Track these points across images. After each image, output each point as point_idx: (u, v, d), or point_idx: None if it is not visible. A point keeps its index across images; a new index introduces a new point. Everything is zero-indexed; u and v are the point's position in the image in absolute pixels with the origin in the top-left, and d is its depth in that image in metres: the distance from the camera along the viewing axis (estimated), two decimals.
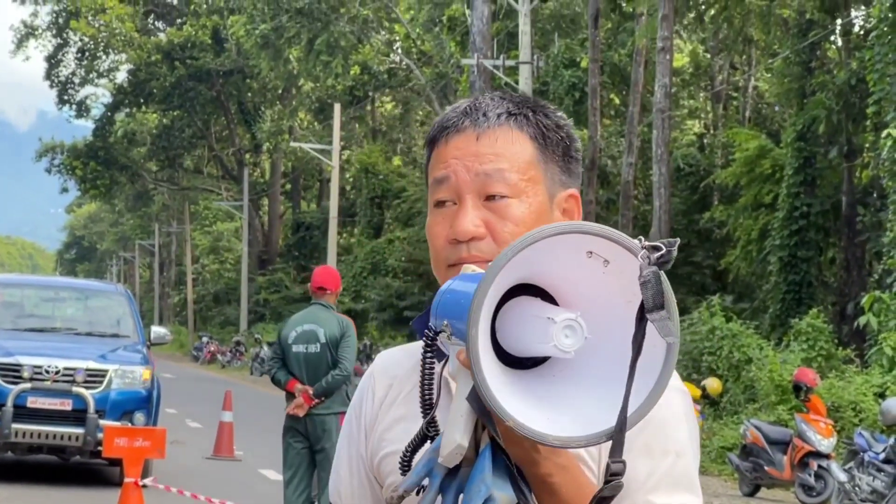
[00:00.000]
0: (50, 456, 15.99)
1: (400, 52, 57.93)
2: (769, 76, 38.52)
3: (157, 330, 17.71)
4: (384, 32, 58.71)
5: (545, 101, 2.27)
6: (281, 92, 68.60)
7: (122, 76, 74.48)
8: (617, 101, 41.77)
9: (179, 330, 78.09)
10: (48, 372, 15.15)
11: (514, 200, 2.10)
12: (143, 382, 15.58)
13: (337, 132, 46.49)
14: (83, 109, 75.99)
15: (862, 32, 30.63)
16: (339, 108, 48.09)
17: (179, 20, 74.19)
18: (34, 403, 15.07)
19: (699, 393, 21.34)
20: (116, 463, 14.63)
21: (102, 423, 14.72)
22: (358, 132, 65.35)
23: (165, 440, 11.86)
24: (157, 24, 77.53)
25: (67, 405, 15.13)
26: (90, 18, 71.13)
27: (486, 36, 33.17)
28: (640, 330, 1.71)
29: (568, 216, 2.15)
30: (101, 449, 14.10)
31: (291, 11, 52.85)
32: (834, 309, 29.23)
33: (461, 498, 1.82)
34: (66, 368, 15.20)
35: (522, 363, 1.85)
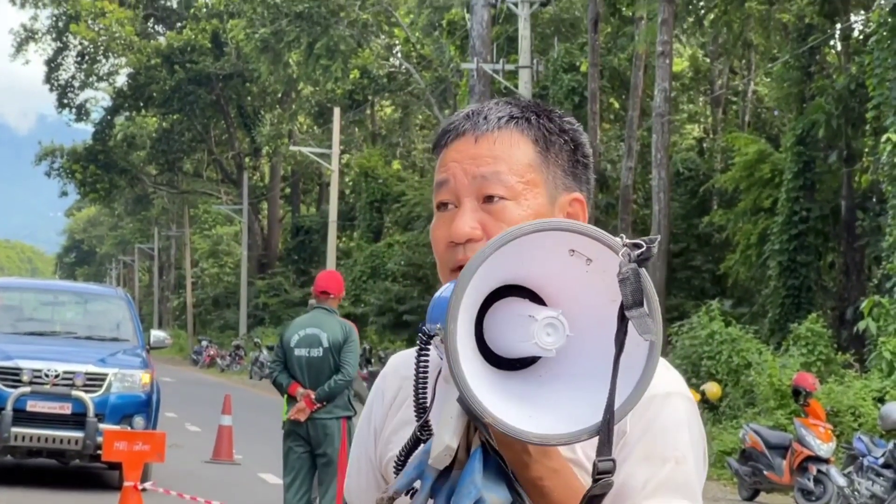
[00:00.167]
0: (49, 460, 15.99)
1: (399, 56, 57.94)
2: (769, 80, 38.52)
3: (156, 334, 17.70)
4: (384, 36, 58.72)
5: (552, 106, 2.26)
6: (280, 96, 68.62)
7: (121, 80, 74.59)
8: (616, 105, 41.77)
9: (179, 334, 78.04)
10: (48, 376, 15.14)
11: (510, 203, 2.08)
12: (142, 386, 15.57)
13: (336, 136, 46.49)
14: (83, 113, 75.99)
15: (861, 37, 30.62)
16: (338, 111, 48.10)
17: (179, 24, 74.23)
18: (34, 407, 15.06)
19: (698, 397, 21.35)
20: (116, 467, 14.62)
21: (102, 426, 14.71)
22: (357, 136, 65.34)
23: (165, 444, 11.86)
24: (156, 27, 77.55)
25: (67, 409, 15.13)
26: (90, 22, 71.15)
27: (485, 40, 33.18)
28: (621, 328, 1.72)
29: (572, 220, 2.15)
30: (100, 452, 14.12)
31: (291, 15, 52.88)
32: (833, 313, 29.22)
33: (452, 500, 1.83)
34: (65, 372, 15.20)
35: (513, 366, 1.86)
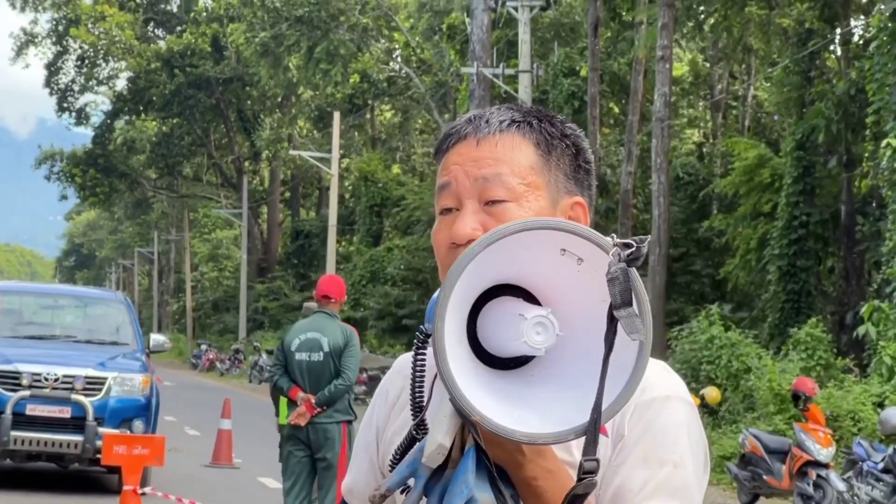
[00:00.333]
0: (49, 463, 15.98)
1: (399, 60, 57.96)
2: (768, 85, 38.54)
3: (156, 338, 17.69)
4: (384, 41, 58.74)
5: (553, 112, 2.27)
6: (280, 100, 68.65)
7: (121, 84, 74.62)
8: (616, 109, 41.77)
9: (178, 337, 78.00)
10: (47, 379, 15.13)
11: (512, 205, 2.08)
12: (142, 390, 15.56)
13: (336, 140, 46.48)
14: (83, 117, 76.02)
15: (861, 42, 30.64)
16: (338, 116, 48.10)
17: (179, 28, 74.26)
18: (33, 411, 15.05)
19: (698, 402, 21.34)
20: (115, 470, 14.60)
21: (101, 430, 14.69)
22: (357, 140, 65.34)
23: (164, 448, 11.86)
24: (156, 31, 77.58)
25: (66, 413, 15.12)
26: (90, 26, 71.18)
27: (485, 44, 33.20)
28: (611, 328, 1.72)
29: None
30: (99, 456, 14.12)
31: (291, 19, 52.89)
32: (833, 318, 29.22)
33: (444, 499, 1.83)
34: (65, 376, 15.19)
35: (507, 366, 1.86)
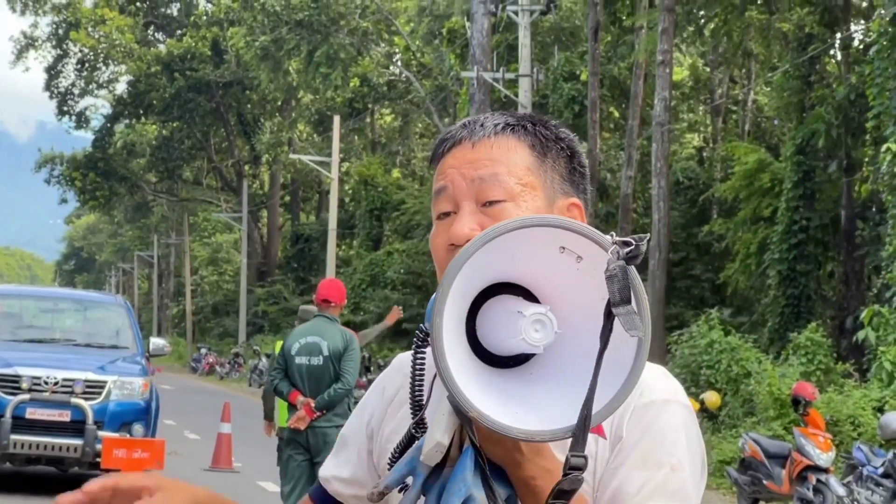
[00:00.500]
0: (48, 467, 15.97)
1: (399, 64, 57.96)
2: (768, 90, 38.54)
3: (155, 341, 17.70)
4: (384, 45, 58.75)
5: (547, 116, 2.28)
6: (280, 104, 68.64)
7: (121, 87, 74.64)
8: (616, 114, 41.79)
9: (178, 341, 78.01)
10: (47, 383, 15.12)
11: (510, 204, 2.09)
12: (141, 394, 15.55)
13: (336, 144, 46.49)
14: (83, 120, 76.01)
15: (861, 47, 30.64)
16: (338, 120, 48.11)
17: (179, 32, 74.25)
18: (33, 414, 15.04)
19: (698, 406, 21.33)
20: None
21: (101, 434, 14.68)
22: (357, 144, 65.34)
23: (164, 451, 11.87)
24: (156, 35, 77.59)
25: (66, 416, 15.10)
26: (90, 30, 71.20)
27: (485, 49, 33.19)
28: (606, 325, 1.72)
29: None
30: (99, 460, 14.11)
31: (291, 23, 52.91)
32: (833, 323, 29.21)
33: (442, 498, 1.83)
34: (64, 379, 15.18)
35: (506, 364, 1.86)
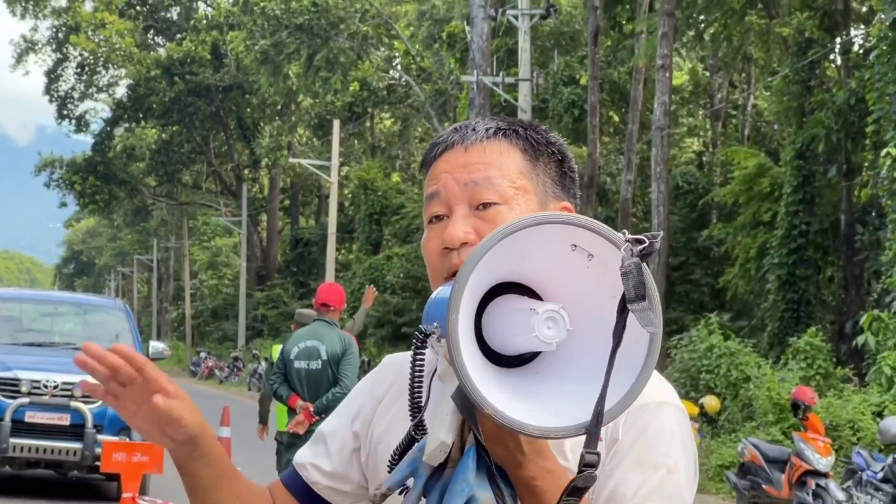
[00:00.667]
0: (48, 471, 15.96)
1: (399, 68, 57.99)
2: (768, 94, 38.53)
3: (155, 345, 17.68)
4: (384, 49, 58.78)
5: (537, 122, 2.29)
6: (280, 108, 68.65)
7: (121, 91, 74.67)
8: (616, 118, 41.80)
9: (177, 345, 77.95)
10: (46, 386, 15.12)
11: (503, 207, 2.11)
12: None
13: (336, 148, 46.49)
14: (82, 124, 76.01)
15: (861, 51, 30.65)
16: (338, 124, 48.10)
17: (179, 35, 74.28)
18: (32, 418, 15.04)
19: (697, 411, 21.32)
20: (114, 478, 14.60)
21: (100, 437, 14.69)
22: (357, 148, 65.36)
23: (164, 455, 11.84)
24: (156, 39, 77.60)
25: (65, 420, 15.10)
26: (90, 33, 71.23)
27: (485, 53, 33.19)
28: (620, 321, 1.73)
29: None
30: (98, 464, 14.09)
31: (291, 27, 52.93)
32: (832, 327, 29.21)
33: (444, 498, 1.83)
34: (64, 383, 15.17)
35: (510, 364, 1.86)
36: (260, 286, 69.27)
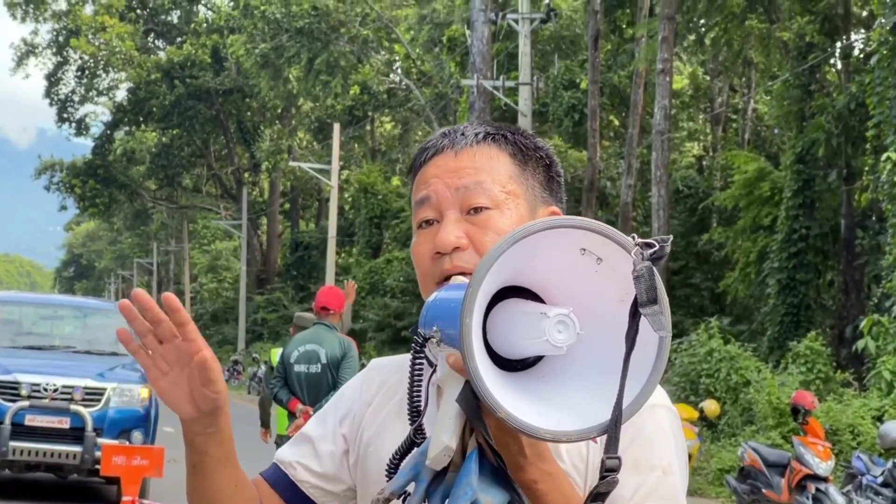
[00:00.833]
0: (47, 474, 15.94)
1: (399, 72, 57.99)
2: (768, 99, 38.55)
3: None
4: (384, 52, 58.78)
5: (523, 126, 2.31)
6: (280, 111, 68.68)
7: (121, 94, 74.68)
8: (616, 122, 41.80)
9: None
10: (46, 390, 15.10)
11: (495, 212, 2.12)
12: (141, 401, 15.53)
13: (336, 152, 46.50)
14: (83, 127, 76.05)
15: (862, 56, 30.65)
16: (338, 127, 48.12)
17: (179, 39, 74.31)
18: (32, 421, 15.02)
19: (696, 415, 21.31)
20: (114, 481, 14.59)
21: (100, 441, 14.65)
22: (357, 152, 65.36)
23: (163, 459, 11.84)
24: (156, 42, 77.63)
25: (65, 423, 15.08)
26: (90, 37, 71.24)
27: (485, 57, 33.20)
28: (633, 325, 1.72)
29: None
30: (98, 467, 14.09)
31: (291, 31, 52.93)
32: (832, 332, 29.20)
33: (447, 502, 1.83)
34: (64, 386, 15.15)
35: (513, 368, 1.86)
36: (260, 290, 69.27)
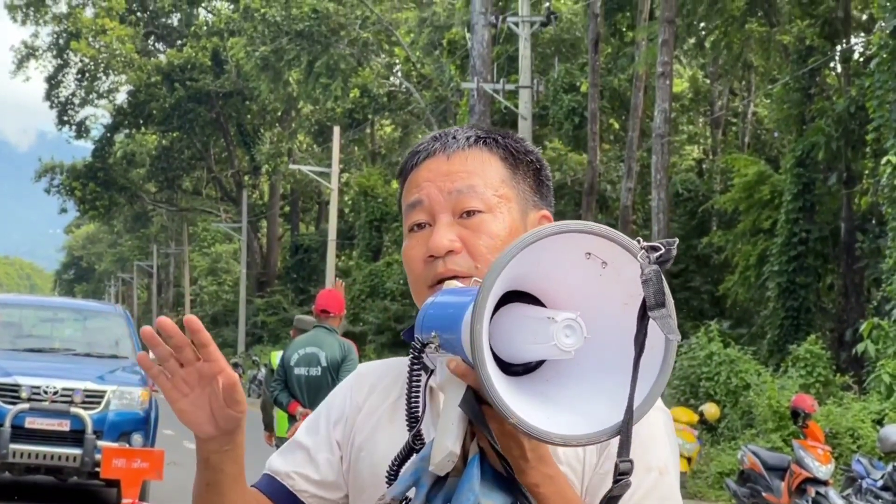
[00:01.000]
0: (47, 476, 15.94)
1: (400, 75, 57.99)
2: (769, 102, 38.55)
3: None
4: (384, 55, 58.78)
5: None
6: (280, 114, 68.67)
7: (121, 97, 74.66)
8: (616, 125, 41.79)
9: None
10: (46, 392, 15.10)
11: (487, 215, 2.13)
12: (141, 403, 15.52)
13: (336, 155, 46.50)
14: (83, 130, 76.04)
15: (862, 59, 30.66)
16: (338, 130, 48.11)
17: (179, 42, 74.30)
18: (32, 424, 15.01)
19: (696, 418, 21.30)
20: (114, 484, 14.59)
21: (100, 443, 14.64)
22: (357, 155, 65.34)
23: (163, 461, 11.85)
24: (157, 45, 77.64)
25: (65, 426, 15.08)
26: (90, 39, 71.25)
27: (486, 60, 33.20)
28: (641, 328, 1.72)
29: None
30: (98, 470, 14.08)
31: (291, 34, 52.94)
32: (832, 335, 29.20)
33: None
34: (64, 389, 15.15)
35: (513, 371, 1.86)
36: (260, 292, 69.25)
